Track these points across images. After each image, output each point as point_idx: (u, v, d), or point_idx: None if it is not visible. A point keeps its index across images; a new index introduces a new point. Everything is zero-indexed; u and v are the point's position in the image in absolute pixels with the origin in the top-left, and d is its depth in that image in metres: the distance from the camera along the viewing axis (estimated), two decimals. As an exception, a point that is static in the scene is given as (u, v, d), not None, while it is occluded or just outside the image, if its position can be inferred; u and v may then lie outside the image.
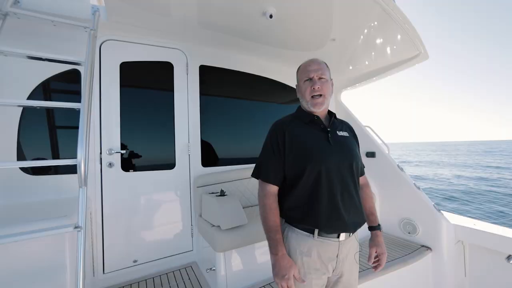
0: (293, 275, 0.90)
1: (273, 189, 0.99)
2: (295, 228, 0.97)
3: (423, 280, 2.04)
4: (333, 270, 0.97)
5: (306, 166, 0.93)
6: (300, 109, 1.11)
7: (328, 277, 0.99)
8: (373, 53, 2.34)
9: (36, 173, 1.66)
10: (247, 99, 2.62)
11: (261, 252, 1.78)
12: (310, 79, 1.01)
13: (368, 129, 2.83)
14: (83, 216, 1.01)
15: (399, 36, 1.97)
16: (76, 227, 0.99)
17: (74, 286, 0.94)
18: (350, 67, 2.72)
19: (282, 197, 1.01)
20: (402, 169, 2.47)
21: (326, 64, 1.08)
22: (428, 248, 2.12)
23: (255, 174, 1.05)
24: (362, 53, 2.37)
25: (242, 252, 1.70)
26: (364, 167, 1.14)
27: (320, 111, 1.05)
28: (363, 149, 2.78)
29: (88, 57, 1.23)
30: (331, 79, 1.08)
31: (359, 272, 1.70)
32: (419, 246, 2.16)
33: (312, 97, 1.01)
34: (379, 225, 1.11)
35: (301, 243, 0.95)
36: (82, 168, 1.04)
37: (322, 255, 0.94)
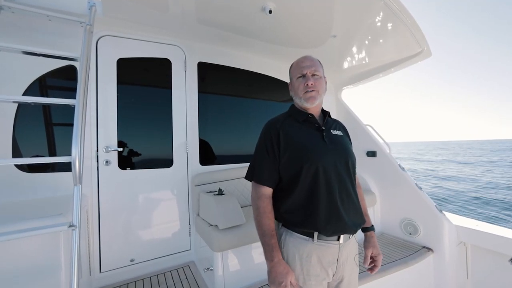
0: (290, 282, 0.86)
1: (267, 191, 0.96)
2: (293, 232, 0.93)
3: (424, 282, 2.01)
4: (333, 275, 0.94)
5: (303, 166, 0.90)
6: (293, 107, 1.09)
7: (328, 282, 0.96)
8: (374, 50, 2.31)
9: (33, 171, 1.64)
10: (246, 97, 2.59)
11: (259, 252, 1.75)
12: (304, 76, 0.99)
13: (369, 128, 2.79)
14: (77, 215, 0.99)
15: (401, 33, 1.93)
16: (70, 226, 0.97)
17: (69, 285, 0.92)
18: (351, 65, 2.69)
19: (278, 200, 0.98)
20: (403, 169, 2.43)
21: (319, 61, 1.05)
22: (430, 249, 2.08)
23: (248, 176, 1.02)
24: (363, 50, 2.33)
25: (240, 252, 1.67)
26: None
27: (313, 107, 1.02)
28: (364, 148, 2.75)
29: (83, 53, 1.21)
30: (325, 77, 1.06)
31: (359, 273, 1.68)
32: (420, 247, 2.13)
33: (305, 92, 0.98)
34: (372, 226, 1.09)
35: (300, 248, 0.91)
36: (76, 165, 1.01)
37: (322, 259, 0.91)
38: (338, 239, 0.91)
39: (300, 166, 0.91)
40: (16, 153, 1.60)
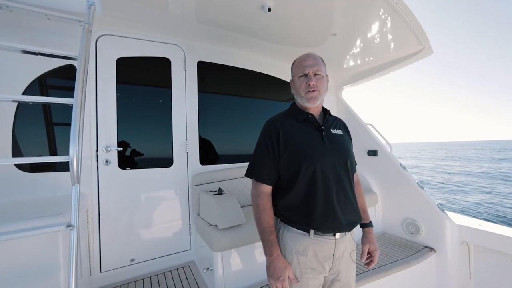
0: (288, 276, 0.89)
1: (267, 189, 0.98)
2: (291, 227, 0.96)
3: (427, 282, 1.99)
4: (330, 269, 0.96)
5: (301, 165, 0.92)
6: (294, 106, 1.09)
7: (325, 277, 0.97)
8: (375, 48, 2.29)
9: (34, 171, 1.64)
10: (246, 97, 2.58)
11: (260, 252, 1.75)
12: (306, 75, 0.99)
13: (370, 127, 2.77)
14: (76, 215, 0.98)
15: (402, 30, 1.92)
16: (68, 226, 0.97)
17: (67, 285, 0.91)
18: (352, 63, 2.67)
19: (276, 196, 1.00)
20: (404, 168, 2.42)
21: (322, 59, 1.04)
22: (432, 249, 2.07)
23: (248, 174, 1.04)
24: (364, 48, 2.31)
25: (240, 252, 1.66)
26: (356, 164, 1.11)
27: (314, 107, 1.02)
28: (364, 147, 2.73)
29: (81, 52, 1.20)
30: (327, 75, 1.05)
31: (360, 273, 1.66)
32: (422, 247, 2.11)
33: (307, 92, 0.98)
34: (370, 222, 1.10)
35: (297, 242, 0.94)
36: (74, 165, 1.01)
37: (318, 254, 0.93)
38: (334, 235, 0.93)
39: (299, 167, 0.92)
40: (16, 152, 1.60)
